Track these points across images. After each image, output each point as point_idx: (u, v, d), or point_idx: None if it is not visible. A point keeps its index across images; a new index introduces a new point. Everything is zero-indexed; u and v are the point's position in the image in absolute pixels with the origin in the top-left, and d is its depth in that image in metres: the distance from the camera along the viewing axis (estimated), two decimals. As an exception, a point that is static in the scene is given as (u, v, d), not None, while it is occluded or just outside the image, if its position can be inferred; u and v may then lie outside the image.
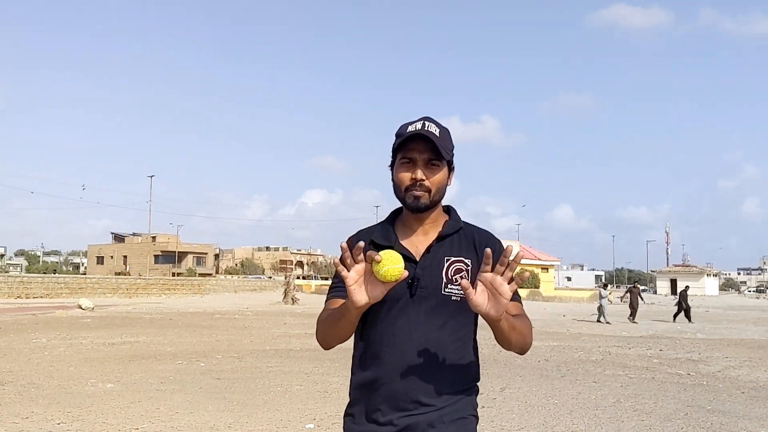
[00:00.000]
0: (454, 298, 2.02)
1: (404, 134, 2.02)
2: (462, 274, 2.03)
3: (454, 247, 2.08)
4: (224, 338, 16.09)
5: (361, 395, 2.08)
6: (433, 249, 2.06)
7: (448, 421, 1.99)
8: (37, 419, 6.76)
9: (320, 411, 7.45)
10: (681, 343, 17.10)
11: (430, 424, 1.98)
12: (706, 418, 7.50)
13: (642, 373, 11.23)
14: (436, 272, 2.03)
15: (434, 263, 2.04)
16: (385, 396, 2.01)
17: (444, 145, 2.02)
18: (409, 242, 2.09)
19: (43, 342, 14.32)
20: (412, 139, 2.01)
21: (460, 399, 2.05)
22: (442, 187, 2.07)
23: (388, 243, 2.06)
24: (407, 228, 2.13)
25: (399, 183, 2.05)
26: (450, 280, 2.02)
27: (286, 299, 36.91)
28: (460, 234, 2.12)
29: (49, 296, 38.43)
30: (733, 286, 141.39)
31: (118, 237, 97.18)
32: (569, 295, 57.93)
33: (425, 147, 2.00)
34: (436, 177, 2.03)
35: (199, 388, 8.79)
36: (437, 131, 2.02)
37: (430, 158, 2.01)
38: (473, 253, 2.08)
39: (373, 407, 2.03)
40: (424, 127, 2.02)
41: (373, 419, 2.03)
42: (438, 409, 1.99)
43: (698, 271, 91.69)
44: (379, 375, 2.02)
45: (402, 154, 2.04)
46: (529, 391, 8.99)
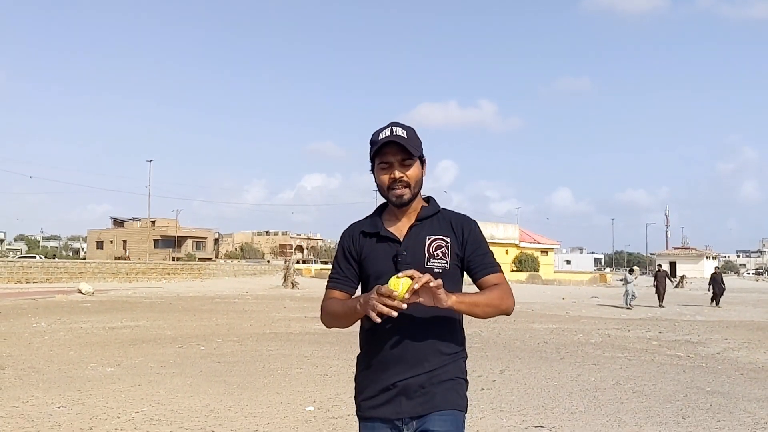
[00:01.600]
0: (436, 270, 2.31)
1: (377, 141, 2.34)
2: (442, 249, 2.35)
3: (434, 227, 2.40)
4: (224, 322, 16.12)
5: (363, 363, 2.42)
6: (414, 229, 2.39)
7: (437, 382, 2.29)
8: (38, 403, 6.77)
9: (320, 394, 7.46)
10: (680, 326, 17.14)
11: (421, 386, 2.27)
12: (705, 399, 7.51)
13: (641, 355, 11.26)
14: (419, 249, 2.35)
15: (417, 242, 2.36)
16: (381, 362, 2.32)
17: (412, 144, 2.35)
18: (394, 228, 2.42)
19: (43, 326, 14.35)
20: (385, 145, 2.33)
21: (448, 363, 2.33)
22: (419, 179, 2.40)
23: (375, 230, 2.41)
24: (392, 216, 2.45)
25: (381, 184, 2.39)
26: (432, 254, 2.35)
27: (286, 283, 36.92)
28: (438, 216, 2.44)
29: (48, 281, 38.48)
30: (732, 269, 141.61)
31: (117, 222, 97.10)
32: (569, 278, 58.02)
33: (397, 150, 2.33)
34: (412, 172, 2.37)
35: (199, 372, 8.80)
36: (405, 133, 2.35)
37: (404, 158, 2.34)
38: (450, 232, 2.40)
39: (372, 373, 2.35)
40: (393, 132, 2.34)
41: (372, 384, 2.35)
42: (427, 371, 2.28)
43: (698, 254, 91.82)
44: (375, 344, 2.34)
45: (379, 159, 2.37)
46: (528, 373, 9.01)
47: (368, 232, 2.43)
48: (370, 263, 2.39)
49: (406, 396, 2.28)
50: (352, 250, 2.45)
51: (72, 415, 6.29)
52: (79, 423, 5.99)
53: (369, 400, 2.35)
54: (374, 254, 2.39)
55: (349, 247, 2.46)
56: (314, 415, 6.49)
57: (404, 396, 2.28)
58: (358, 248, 2.44)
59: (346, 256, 2.46)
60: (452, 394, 2.30)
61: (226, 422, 6.12)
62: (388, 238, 2.38)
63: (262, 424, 6.09)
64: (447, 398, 2.29)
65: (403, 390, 2.28)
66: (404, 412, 2.28)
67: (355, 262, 2.44)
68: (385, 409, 2.30)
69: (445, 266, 2.34)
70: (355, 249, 2.44)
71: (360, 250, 2.42)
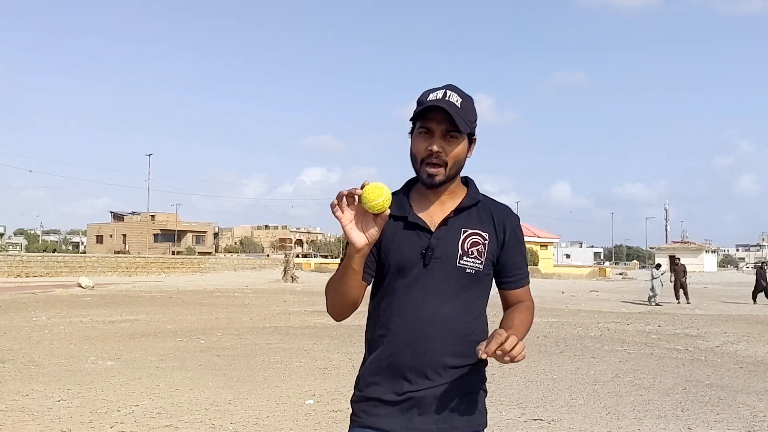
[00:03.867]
0: (468, 270, 1.98)
1: (423, 103, 1.95)
2: (478, 247, 2.00)
3: (473, 220, 2.03)
4: (224, 316, 16.13)
5: (371, 366, 2.04)
6: (451, 221, 2.01)
7: (456, 396, 1.96)
8: (38, 396, 6.78)
9: (320, 387, 7.47)
10: (679, 319, 17.15)
11: (437, 399, 1.95)
12: (704, 392, 7.52)
13: (640, 348, 11.27)
14: (452, 244, 1.99)
15: (450, 234, 2.00)
16: (393, 367, 1.97)
17: (464, 116, 1.94)
18: (425, 213, 2.03)
19: (43, 320, 14.36)
20: (431, 109, 1.93)
21: (470, 372, 1.99)
22: (460, 160, 2.00)
23: (402, 213, 2.02)
24: (423, 198, 2.06)
25: (415, 154, 1.99)
26: (466, 252, 1.99)
27: (286, 277, 36.98)
28: (478, 207, 2.07)
29: (48, 275, 38.49)
30: (731, 263, 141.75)
31: (117, 216, 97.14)
32: (568, 272, 58.04)
33: (444, 118, 1.92)
34: (454, 150, 1.96)
35: (198, 365, 8.81)
36: (459, 101, 1.94)
37: (448, 129, 1.94)
38: (491, 227, 2.04)
39: (380, 379, 2.00)
40: (445, 96, 1.94)
41: (379, 391, 1.99)
42: (446, 382, 1.95)
43: (697, 248, 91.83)
44: (387, 346, 1.99)
45: (421, 123, 1.97)
46: (527, 367, 9.01)
47: (394, 214, 1.96)
48: (392, 251, 2.01)
49: (419, 409, 1.95)
50: None
51: (72, 408, 6.30)
52: (79, 416, 6.00)
53: (372, 407, 2.00)
54: (399, 242, 2.00)
55: None
56: (314, 408, 6.50)
57: (417, 409, 1.95)
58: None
59: None
60: (473, 413, 2.00)
61: (226, 415, 6.13)
62: (417, 225, 1.99)
63: (261, 417, 6.10)
64: (467, 419, 1.98)
65: (417, 402, 1.95)
66: (416, 428, 1.95)
67: (375, 246, 1.99)
68: (392, 420, 1.97)
69: (478, 267, 1.99)
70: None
71: (382, 234, 1.96)
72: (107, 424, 5.78)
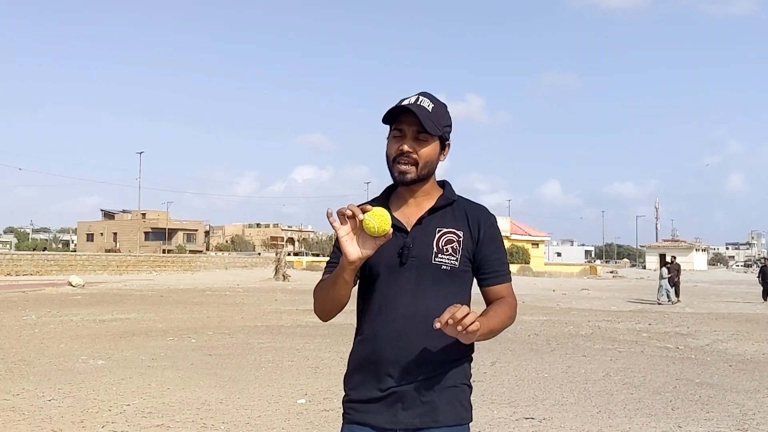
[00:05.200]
0: (444, 267, 2.07)
1: (397, 107, 2.07)
2: (453, 245, 2.08)
3: (447, 219, 2.12)
4: (215, 315, 16.10)
5: (356, 363, 2.13)
6: (425, 220, 2.10)
7: (438, 390, 2.03)
8: (28, 396, 6.75)
9: (311, 386, 7.47)
10: (669, 317, 17.23)
11: (420, 393, 2.02)
12: (694, 391, 7.56)
13: (631, 347, 11.32)
14: (427, 242, 2.07)
15: (425, 233, 2.09)
16: (376, 364, 2.05)
17: (435, 120, 2.05)
18: (401, 213, 2.13)
19: (34, 319, 14.29)
20: (402, 112, 2.05)
21: (451, 368, 2.06)
22: (431, 161, 2.10)
23: None
24: (400, 200, 2.17)
25: (389, 154, 2.11)
26: (441, 249, 2.07)
27: (277, 276, 36.91)
28: (453, 207, 2.16)
29: (38, 273, 38.29)
30: (721, 261, 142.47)
31: (107, 214, 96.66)
32: (559, 271, 58.16)
33: (414, 120, 2.04)
34: (424, 150, 2.07)
35: (190, 365, 8.80)
36: (430, 106, 2.06)
37: (418, 131, 2.05)
38: (465, 225, 2.12)
39: (365, 376, 2.08)
40: (417, 101, 2.06)
41: (364, 388, 2.08)
42: (428, 377, 2.03)
43: (687, 246, 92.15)
44: (370, 343, 2.07)
45: (394, 125, 2.09)
46: (519, 365, 9.04)
47: None
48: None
49: (403, 404, 2.02)
50: None
51: (63, 408, 6.28)
52: (70, 416, 5.98)
53: (360, 404, 2.09)
54: None
55: None
56: (305, 407, 6.50)
57: (400, 403, 2.02)
58: None
59: None
60: (456, 406, 2.06)
61: (218, 415, 6.12)
62: (394, 226, 2.03)
63: (253, 416, 6.10)
64: (450, 412, 2.04)
65: (400, 397, 2.02)
66: (400, 422, 2.03)
67: None
68: (378, 416, 2.05)
69: (454, 264, 2.07)
70: None
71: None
72: (98, 423, 5.76)
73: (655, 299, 23.56)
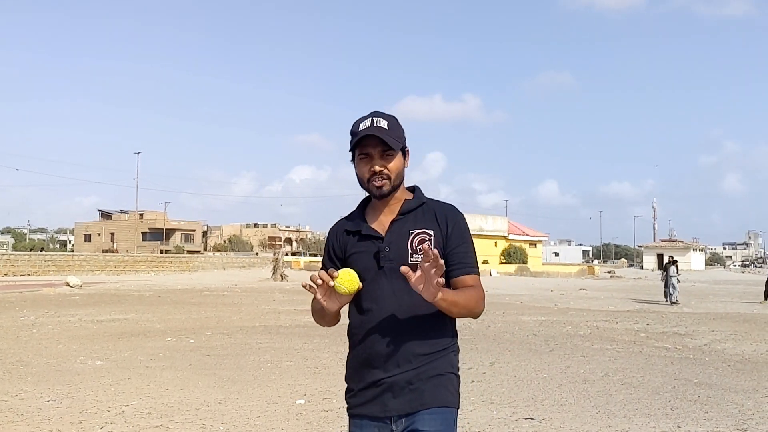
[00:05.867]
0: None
1: (357, 133, 2.27)
2: (426, 243, 2.22)
3: (418, 221, 2.32)
4: (213, 315, 16.09)
5: (351, 361, 2.36)
6: (397, 224, 2.31)
7: (425, 378, 2.22)
8: (27, 397, 6.74)
9: (310, 387, 7.47)
10: (667, 317, 17.25)
11: (408, 382, 2.21)
12: (693, 391, 7.57)
13: (629, 347, 11.32)
14: (402, 244, 2.27)
15: (399, 237, 2.29)
16: (368, 360, 2.26)
17: (394, 135, 2.27)
18: (377, 222, 2.35)
19: (32, 319, 14.27)
20: (365, 137, 2.25)
21: (437, 358, 2.25)
22: (400, 172, 2.32)
23: (357, 228, 2.36)
24: (375, 210, 2.38)
25: (361, 176, 2.32)
26: (415, 250, 2.26)
27: (275, 276, 36.88)
28: (423, 208, 2.35)
29: (36, 274, 38.24)
30: (718, 261, 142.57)
31: (105, 214, 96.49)
32: (557, 271, 58.18)
33: (377, 141, 2.25)
34: (393, 164, 2.29)
35: (188, 365, 8.79)
36: (386, 124, 2.27)
37: (384, 150, 2.26)
38: (435, 225, 2.31)
39: (358, 370, 2.31)
40: (373, 123, 2.26)
41: (358, 382, 2.30)
42: (415, 368, 2.22)
43: (685, 246, 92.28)
44: (361, 342, 2.29)
45: (359, 150, 2.29)
46: (517, 366, 9.05)
47: (351, 230, 2.37)
48: (353, 262, 2.32)
49: (393, 393, 2.21)
50: (336, 250, 2.40)
51: (62, 408, 6.27)
52: (68, 417, 5.97)
53: (356, 397, 2.29)
54: (357, 252, 2.33)
55: (334, 247, 2.42)
56: (305, 408, 6.50)
57: (390, 393, 2.21)
58: (342, 246, 2.38)
59: (331, 256, 2.42)
60: (441, 391, 2.24)
61: (217, 415, 6.12)
62: (370, 235, 2.31)
63: (252, 417, 6.09)
64: (436, 395, 2.22)
65: (390, 387, 2.21)
66: (392, 409, 2.22)
67: (340, 261, 2.38)
68: (371, 406, 2.24)
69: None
70: (339, 248, 2.39)
71: (344, 249, 2.37)
72: (97, 424, 5.75)
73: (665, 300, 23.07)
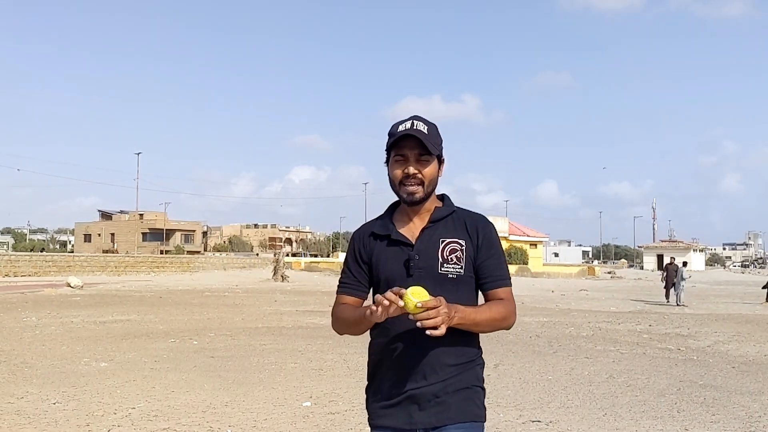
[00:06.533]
0: (450, 276, 2.22)
1: (396, 134, 2.22)
2: (457, 253, 2.23)
3: (449, 229, 2.28)
4: (215, 316, 16.08)
5: (374, 370, 2.31)
6: (427, 232, 2.27)
7: (452, 391, 2.18)
8: (33, 399, 6.73)
9: (316, 389, 7.46)
10: (669, 318, 17.24)
11: (435, 395, 2.17)
12: (699, 393, 7.56)
13: (633, 348, 11.32)
14: (432, 253, 2.23)
15: (429, 245, 2.24)
16: (393, 370, 2.21)
17: (432, 141, 2.23)
18: (406, 229, 2.30)
19: (34, 320, 14.26)
20: (403, 138, 2.21)
21: (464, 371, 2.22)
22: (434, 179, 2.27)
23: (386, 232, 2.30)
24: (404, 216, 2.33)
25: (394, 178, 2.27)
26: (446, 259, 2.22)
27: (276, 276, 36.88)
28: (453, 217, 2.31)
29: (37, 274, 38.21)
30: (718, 261, 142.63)
31: (105, 215, 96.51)
32: (557, 271, 58.20)
33: (415, 144, 2.21)
34: (427, 170, 2.24)
35: (193, 367, 8.78)
36: (425, 128, 2.22)
37: (420, 153, 2.22)
38: (465, 235, 2.27)
39: (383, 381, 2.25)
40: (413, 126, 2.22)
41: (383, 392, 2.24)
42: (442, 380, 2.17)
43: (685, 247, 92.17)
44: (386, 351, 2.23)
45: (395, 151, 2.25)
46: (522, 368, 9.04)
47: (379, 233, 2.31)
48: (380, 267, 2.28)
49: (419, 405, 2.17)
50: (362, 253, 2.34)
51: (68, 411, 6.26)
52: (75, 419, 5.96)
53: (380, 408, 2.24)
54: (385, 258, 2.28)
55: (360, 250, 2.35)
56: (311, 410, 6.49)
57: (416, 405, 2.17)
58: (368, 251, 2.33)
59: (356, 259, 2.36)
60: (469, 405, 2.20)
61: (224, 418, 6.11)
62: (399, 241, 2.26)
63: (259, 419, 6.08)
64: (463, 409, 2.18)
65: (416, 399, 2.17)
66: (417, 422, 2.17)
67: (366, 265, 2.33)
68: (396, 418, 2.20)
69: (459, 272, 2.22)
70: (366, 252, 2.33)
71: (371, 253, 2.32)
72: (104, 427, 5.75)
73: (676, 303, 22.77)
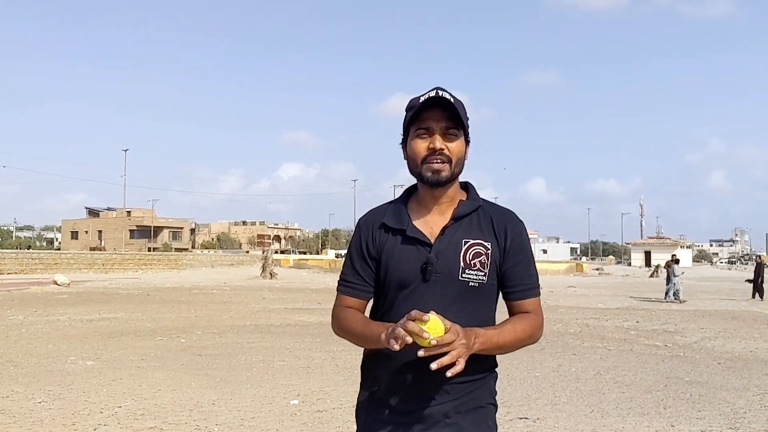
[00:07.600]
0: (471, 284, 1.91)
1: (417, 104, 1.89)
2: (481, 258, 1.92)
3: (473, 228, 1.95)
4: (203, 314, 16.01)
5: (375, 383, 2.00)
6: (449, 230, 1.93)
7: (464, 411, 1.92)
8: (18, 398, 6.68)
9: (304, 387, 7.44)
10: (657, 315, 17.33)
11: (445, 415, 1.90)
12: (685, 389, 7.61)
13: (620, 345, 11.37)
14: (453, 256, 1.91)
15: (450, 246, 1.92)
16: (398, 385, 1.92)
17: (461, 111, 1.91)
18: (424, 222, 1.96)
19: (20, 319, 14.15)
20: (427, 107, 1.87)
21: (477, 387, 1.95)
22: (461, 158, 1.94)
23: (401, 226, 1.95)
24: (422, 207, 1.99)
25: (415, 155, 1.91)
26: (468, 265, 1.90)
27: (264, 274, 36.75)
28: (479, 213, 1.98)
29: (23, 272, 37.95)
30: (705, 258, 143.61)
31: (92, 212, 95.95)
32: (546, 268, 58.30)
33: (442, 115, 1.88)
34: (455, 146, 1.91)
35: (180, 365, 8.74)
36: (452, 99, 1.89)
37: (448, 126, 1.89)
38: (492, 235, 1.95)
39: (386, 396, 1.95)
40: (437, 94, 1.87)
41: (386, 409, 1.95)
42: (453, 399, 1.91)
43: (672, 243, 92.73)
44: (391, 363, 1.91)
45: (417, 125, 1.90)
46: (510, 364, 9.05)
47: (392, 227, 1.96)
48: (392, 267, 1.94)
49: (424, 425, 1.90)
50: (370, 247, 1.99)
51: (54, 410, 6.21)
52: (61, 418, 5.91)
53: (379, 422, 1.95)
54: (398, 257, 1.94)
55: (367, 244, 1.99)
56: (299, 408, 6.47)
57: (421, 425, 1.90)
58: (377, 245, 1.98)
59: (362, 253, 2.00)
60: (482, 427, 1.94)
61: (211, 416, 6.08)
62: (416, 239, 1.92)
63: (247, 418, 6.06)
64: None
65: (424, 419, 1.90)
66: None
67: (374, 261, 1.98)
68: None
69: (482, 280, 1.91)
70: (375, 246, 1.98)
71: (380, 249, 1.96)
72: (90, 426, 5.71)
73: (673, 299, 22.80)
